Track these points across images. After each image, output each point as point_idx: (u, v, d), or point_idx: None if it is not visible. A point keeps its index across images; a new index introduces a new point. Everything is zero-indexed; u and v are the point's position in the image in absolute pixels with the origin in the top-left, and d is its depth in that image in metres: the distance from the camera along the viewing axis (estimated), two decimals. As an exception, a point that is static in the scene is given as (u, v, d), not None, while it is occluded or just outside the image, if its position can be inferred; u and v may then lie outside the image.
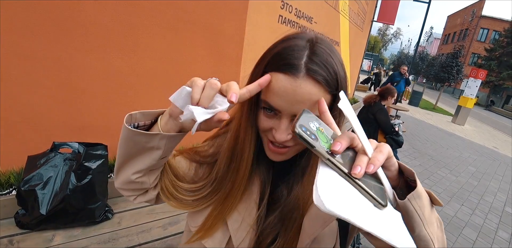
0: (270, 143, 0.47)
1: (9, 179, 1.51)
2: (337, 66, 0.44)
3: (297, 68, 0.42)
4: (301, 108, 0.40)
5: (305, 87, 0.41)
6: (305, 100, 0.41)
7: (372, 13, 7.00)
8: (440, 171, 4.46)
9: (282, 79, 0.42)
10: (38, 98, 1.58)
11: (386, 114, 2.89)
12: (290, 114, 0.43)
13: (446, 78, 11.76)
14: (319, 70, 0.42)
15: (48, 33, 1.50)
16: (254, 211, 0.52)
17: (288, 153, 0.48)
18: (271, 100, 0.43)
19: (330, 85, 0.43)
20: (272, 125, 0.45)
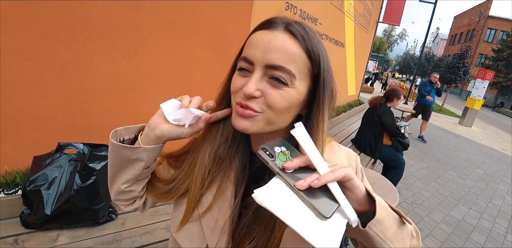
0: (238, 106, 0.45)
1: (15, 179, 1.53)
2: (316, 38, 0.46)
3: (275, 24, 0.44)
4: (274, 57, 0.42)
5: (281, 38, 0.43)
6: (279, 49, 0.42)
7: (378, 14, 6.95)
8: (447, 173, 4.40)
9: (259, 33, 0.45)
10: (44, 99, 1.60)
11: (392, 116, 2.86)
12: (262, 64, 0.42)
13: (453, 79, 11.61)
14: (298, 28, 0.44)
15: (53, 34, 1.52)
16: (227, 212, 0.52)
17: (254, 120, 0.45)
18: (247, 52, 0.44)
19: (307, 45, 0.44)
20: (244, 82, 0.44)
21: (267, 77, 0.43)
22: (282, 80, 0.42)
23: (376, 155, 2.96)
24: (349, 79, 5.89)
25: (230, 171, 0.54)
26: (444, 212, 3.09)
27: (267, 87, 0.43)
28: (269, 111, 0.44)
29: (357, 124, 4.56)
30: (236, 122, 0.46)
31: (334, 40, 4.28)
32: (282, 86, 0.43)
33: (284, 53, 0.42)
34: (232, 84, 0.47)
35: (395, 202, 1.65)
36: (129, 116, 1.91)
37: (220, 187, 0.54)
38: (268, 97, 0.43)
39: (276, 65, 0.42)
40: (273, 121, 0.46)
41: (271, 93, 0.43)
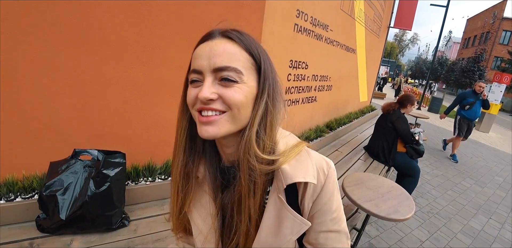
0: (200, 115, 0.47)
1: (32, 183, 1.57)
2: (251, 37, 0.50)
3: (212, 35, 0.49)
4: (218, 60, 0.45)
5: (220, 43, 0.47)
6: (221, 52, 0.45)
7: (389, 19, 6.89)
8: (465, 181, 4.25)
9: (201, 46, 0.49)
10: (60, 106, 1.64)
11: (406, 123, 2.80)
12: (210, 69, 0.45)
13: (467, 83, 11.35)
14: (233, 32, 0.49)
15: (68, 44, 1.57)
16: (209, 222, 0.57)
17: (219, 124, 0.47)
18: (194, 64, 0.48)
19: (246, 44, 0.48)
20: (197, 92, 0.46)
21: (217, 81, 0.46)
22: (231, 78, 0.45)
23: (390, 163, 2.90)
24: (360, 85, 5.83)
25: (204, 184, 0.58)
26: (462, 222, 2.97)
27: (220, 88, 0.46)
28: (231, 108, 0.46)
29: (369, 131, 4.49)
30: (202, 131, 0.47)
31: (345, 46, 4.26)
32: (232, 84, 0.46)
33: (227, 55, 0.46)
34: (188, 96, 0.49)
35: (411, 212, 1.60)
36: (141, 124, 1.94)
37: (199, 201, 0.59)
38: (224, 96, 0.45)
39: (222, 67, 0.45)
40: (237, 118, 0.47)
41: (226, 92, 0.45)
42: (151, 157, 1.96)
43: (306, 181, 0.49)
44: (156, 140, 2.03)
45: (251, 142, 0.47)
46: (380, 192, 1.81)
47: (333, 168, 0.54)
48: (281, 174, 0.49)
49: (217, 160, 0.58)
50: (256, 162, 0.47)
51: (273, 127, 0.51)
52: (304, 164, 0.51)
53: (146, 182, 1.84)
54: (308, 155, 0.53)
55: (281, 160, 0.49)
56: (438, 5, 11.46)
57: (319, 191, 0.51)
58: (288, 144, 0.52)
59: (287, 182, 0.48)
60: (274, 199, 0.51)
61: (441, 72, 14.96)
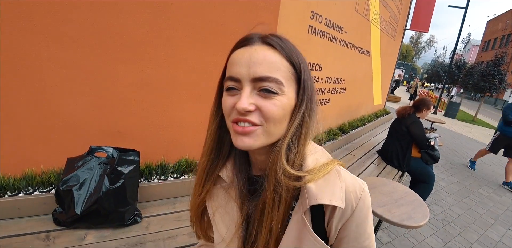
0: (235, 125, 0.45)
1: (49, 178, 1.62)
2: (291, 44, 0.48)
3: (252, 40, 0.46)
4: (259, 69, 0.42)
5: (260, 51, 0.44)
6: (261, 61, 0.43)
7: (405, 21, 6.76)
8: (482, 189, 4.09)
9: (239, 51, 0.46)
10: (79, 104, 1.70)
11: (421, 127, 2.73)
12: (249, 79, 0.43)
13: (487, 88, 10.94)
14: (274, 39, 0.46)
15: (87, 44, 1.62)
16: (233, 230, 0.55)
17: (255, 136, 0.45)
18: (231, 71, 0.46)
19: (287, 52, 0.45)
20: (235, 101, 0.45)
21: (256, 91, 0.44)
22: (272, 90, 0.43)
23: (403, 168, 2.83)
24: (375, 88, 5.73)
25: (232, 191, 0.57)
26: (479, 231, 2.86)
27: (259, 99, 0.44)
28: (268, 122, 0.45)
29: (383, 135, 4.40)
30: (238, 141, 0.46)
31: (360, 48, 4.20)
32: (273, 95, 0.44)
33: (267, 64, 0.43)
34: (224, 105, 0.47)
35: (425, 219, 1.56)
36: (155, 123, 1.98)
37: (224, 207, 0.57)
38: (263, 108, 0.44)
39: (263, 77, 0.43)
40: (272, 133, 0.46)
41: (265, 104, 0.43)
42: (164, 156, 1.99)
43: (331, 204, 0.45)
44: (169, 139, 2.06)
45: (280, 155, 0.46)
46: (394, 198, 1.77)
47: (367, 192, 0.49)
48: (305, 193, 0.46)
49: (247, 167, 0.57)
50: (283, 176, 0.45)
51: (306, 139, 0.49)
52: (332, 184, 0.47)
53: (159, 181, 1.86)
54: (338, 176, 0.48)
55: (308, 178, 0.46)
56: (456, 7, 11.14)
57: (349, 215, 0.47)
58: (319, 161, 0.49)
59: (311, 202, 0.45)
60: (297, 218, 0.48)
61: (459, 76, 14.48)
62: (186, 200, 1.88)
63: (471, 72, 12.41)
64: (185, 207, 1.78)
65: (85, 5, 1.56)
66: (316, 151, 0.51)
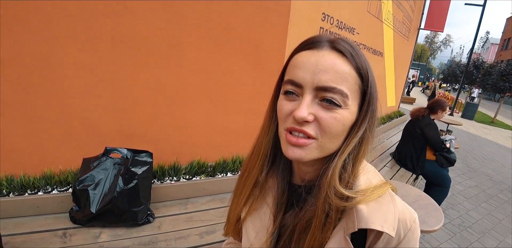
0: (289, 134, 0.42)
1: (67, 178, 1.68)
2: (361, 53, 0.44)
3: (320, 44, 0.42)
4: (324, 78, 0.39)
5: (329, 57, 0.40)
6: (329, 69, 0.39)
7: (419, 21, 6.61)
8: (502, 194, 3.94)
9: (304, 54, 0.42)
10: (95, 106, 1.75)
11: (436, 129, 2.66)
12: (312, 86, 0.40)
13: (506, 88, 10.53)
14: (344, 45, 0.42)
15: (104, 48, 1.68)
16: (263, 238, 0.53)
17: (308, 149, 0.42)
18: (293, 75, 0.42)
19: (357, 62, 0.41)
20: (293, 107, 0.42)
21: (318, 100, 0.41)
22: (335, 101, 0.40)
23: (418, 171, 2.77)
24: (388, 90, 5.63)
25: (268, 195, 0.54)
26: (498, 238, 2.76)
27: (319, 110, 0.41)
28: (324, 136, 0.42)
29: (397, 137, 4.31)
30: (289, 152, 0.43)
31: (372, 49, 4.14)
32: (335, 108, 0.40)
33: (335, 73, 0.40)
34: (280, 109, 0.44)
35: (440, 223, 1.52)
36: (169, 125, 2.02)
37: (254, 207, 0.55)
38: (322, 121, 0.40)
39: (328, 87, 0.39)
40: (326, 147, 0.43)
41: (324, 117, 0.40)
42: (176, 157, 2.03)
43: (383, 230, 0.41)
44: (182, 141, 2.10)
45: (334, 174, 0.43)
46: (406, 201, 1.70)
47: (417, 223, 0.45)
48: (354, 214, 0.43)
49: (288, 174, 0.54)
50: (334, 196, 0.42)
51: (363, 158, 0.46)
52: (385, 209, 0.43)
53: (171, 182, 1.90)
54: (392, 201, 0.44)
55: (360, 199, 0.43)
56: (473, 5, 10.82)
57: (394, 245, 0.43)
58: (371, 182, 0.46)
59: (361, 225, 0.41)
60: (339, 239, 0.44)
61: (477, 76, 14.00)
62: (198, 201, 1.91)
63: (489, 72, 11.98)
64: (196, 208, 1.81)
65: (102, 9, 1.62)
66: (368, 171, 0.48)
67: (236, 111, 2.22)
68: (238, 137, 2.26)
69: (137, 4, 1.69)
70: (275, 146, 0.51)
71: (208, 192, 1.98)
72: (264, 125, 0.52)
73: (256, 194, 0.55)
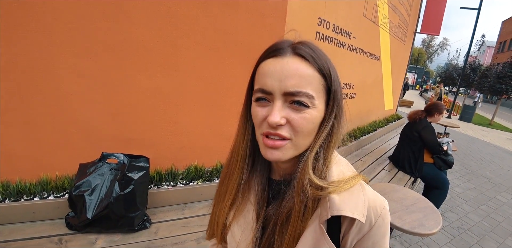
0: (265, 138, 0.45)
1: (63, 183, 1.68)
2: (322, 53, 0.47)
3: (282, 51, 0.45)
4: (290, 84, 0.42)
5: (292, 63, 0.43)
6: (293, 74, 0.43)
7: (415, 24, 6.68)
8: (500, 196, 3.93)
9: (270, 62, 0.45)
10: (92, 112, 1.76)
11: (433, 132, 2.67)
12: (281, 92, 0.43)
13: (503, 90, 10.59)
14: (305, 49, 0.45)
15: (101, 55, 1.69)
16: (250, 236, 0.55)
17: (284, 149, 0.45)
18: (262, 83, 0.45)
19: (319, 64, 0.45)
20: (266, 113, 0.45)
21: (287, 103, 0.44)
22: (304, 103, 0.43)
23: (416, 174, 2.76)
24: (385, 93, 5.66)
25: (250, 194, 0.56)
26: (497, 240, 2.74)
27: (290, 113, 0.44)
28: (297, 136, 0.45)
29: (394, 140, 4.32)
30: (267, 154, 0.46)
31: (369, 53, 4.18)
32: (304, 109, 0.44)
33: (299, 78, 0.43)
34: (254, 116, 0.47)
35: (438, 226, 1.51)
36: (166, 131, 2.02)
37: (239, 210, 0.57)
38: (294, 122, 0.44)
39: (294, 91, 0.42)
40: (300, 145, 0.46)
41: (295, 118, 0.44)
42: (173, 162, 2.03)
43: (353, 217, 0.44)
44: (179, 146, 2.10)
45: (307, 166, 0.46)
46: (404, 204, 1.73)
47: (387, 210, 0.49)
48: (327, 203, 0.46)
49: (267, 171, 0.57)
50: (309, 187, 0.45)
51: (334, 148, 0.49)
52: (355, 198, 0.46)
53: (168, 187, 1.89)
54: (362, 190, 0.48)
55: (332, 189, 0.46)
56: (469, 8, 10.95)
57: (366, 231, 0.47)
58: (345, 174, 0.49)
59: (333, 213, 0.44)
60: (314, 227, 0.47)
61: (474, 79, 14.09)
62: (195, 206, 1.90)
63: (486, 75, 12.06)
64: (193, 213, 1.80)
65: (99, 17, 1.63)
66: (340, 163, 0.52)
67: (233, 115, 2.23)
68: (235, 141, 2.26)
69: (133, 10, 1.71)
70: (253, 149, 0.54)
71: (205, 197, 1.97)
72: (239, 130, 0.55)
73: (239, 198, 0.56)
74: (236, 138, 0.55)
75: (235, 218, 0.57)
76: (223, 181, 0.59)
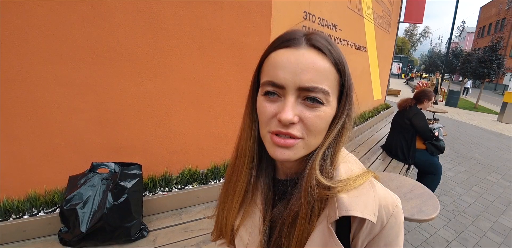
0: (275, 136, 0.42)
1: (53, 198, 1.61)
2: (338, 48, 0.44)
3: (297, 41, 0.41)
4: (306, 78, 0.39)
5: (308, 56, 0.40)
6: (309, 68, 0.39)
7: (398, 14, 6.73)
8: (491, 176, 4.05)
9: (283, 52, 0.41)
10: (77, 121, 1.69)
11: (424, 119, 2.70)
12: (295, 87, 0.39)
13: (486, 74, 10.87)
14: (322, 41, 0.41)
15: (83, 61, 1.62)
16: (258, 238, 0.52)
17: (295, 149, 0.42)
18: (274, 76, 0.41)
19: (335, 58, 0.42)
20: (276, 109, 0.41)
21: (301, 99, 0.41)
22: (319, 99, 0.40)
23: (409, 161, 2.80)
24: (373, 84, 5.70)
25: (256, 196, 0.54)
26: (491, 219, 2.82)
27: (303, 110, 0.41)
28: (309, 135, 0.42)
29: (386, 129, 4.37)
30: (276, 153, 0.42)
31: (356, 44, 4.18)
32: (318, 106, 0.41)
33: (316, 72, 0.39)
34: (262, 112, 0.43)
35: (436, 211, 1.53)
36: (156, 135, 1.97)
37: (247, 212, 0.54)
38: (307, 121, 0.41)
39: (310, 87, 0.39)
40: (312, 144, 0.43)
41: (309, 116, 0.40)
42: (167, 168, 1.98)
43: (363, 217, 0.41)
44: (171, 150, 2.05)
45: (314, 166, 0.43)
46: (402, 192, 1.74)
47: (400, 208, 0.45)
48: (335, 203, 0.43)
49: (272, 170, 0.55)
50: (316, 187, 0.43)
51: (342, 146, 0.47)
52: (365, 196, 0.43)
53: (163, 193, 1.85)
54: (372, 188, 0.45)
55: (340, 188, 0.43)
56: (448, -5, 11.13)
57: (378, 231, 0.43)
58: (353, 172, 0.46)
59: (341, 213, 0.42)
60: (322, 229, 0.44)
61: (457, 64, 14.39)
62: (192, 210, 1.86)
63: (468, 60, 12.34)
64: (191, 218, 1.77)
65: (77, 22, 1.55)
66: (348, 160, 0.49)
67: (224, 115, 2.19)
68: (228, 142, 2.23)
69: (113, 13, 1.63)
70: (260, 148, 0.50)
71: (202, 200, 1.93)
72: (245, 127, 0.50)
73: (248, 199, 0.54)
74: (242, 136, 0.51)
75: (243, 220, 0.55)
76: (230, 180, 0.55)
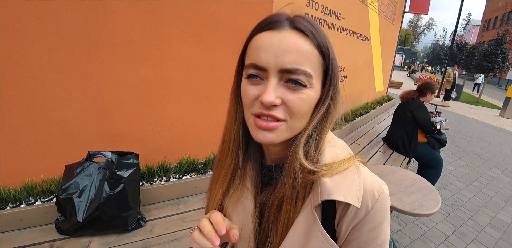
0: (257, 119, 0.42)
1: (50, 187, 1.59)
2: (320, 29, 0.43)
3: (280, 23, 0.41)
4: (287, 60, 0.38)
5: (290, 38, 0.39)
6: (291, 50, 0.39)
7: (403, 4, 6.57)
8: (491, 171, 4.04)
9: (264, 35, 0.41)
10: (73, 110, 1.65)
11: (426, 112, 2.66)
12: (277, 69, 0.39)
13: (490, 68, 10.73)
14: (305, 23, 0.41)
15: (79, 48, 1.56)
16: (250, 225, 0.52)
17: (278, 132, 0.42)
18: (256, 58, 0.40)
19: (318, 40, 0.41)
20: (258, 91, 0.41)
21: (283, 82, 0.40)
22: (301, 82, 0.40)
23: (410, 154, 2.78)
24: (376, 75, 5.62)
25: (246, 180, 0.54)
26: (490, 214, 2.82)
27: (285, 92, 0.40)
28: (292, 118, 0.42)
29: (387, 121, 4.33)
30: (259, 136, 0.42)
31: (359, 34, 4.09)
32: (301, 88, 0.40)
33: (298, 54, 0.39)
34: (245, 94, 0.43)
35: (437, 206, 1.51)
36: (154, 124, 1.93)
37: (237, 197, 0.54)
38: (289, 103, 0.40)
39: (292, 69, 0.39)
40: (295, 127, 0.43)
41: (291, 98, 0.40)
42: (165, 157, 1.95)
43: (346, 201, 0.41)
44: (169, 139, 2.02)
45: (298, 150, 0.43)
46: (403, 186, 1.72)
47: (386, 194, 0.45)
48: (318, 187, 0.43)
49: (260, 155, 0.55)
50: (300, 171, 0.43)
51: (328, 130, 0.46)
52: (349, 181, 0.43)
53: (161, 182, 1.83)
54: (357, 172, 0.44)
55: (324, 172, 0.42)
56: (455, -14, 10.84)
57: (362, 216, 0.43)
58: (338, 156, 0.45)
59: (323, 197, 0.41)
60: (306, 213, 0.44)
61: (460, 57, 14.18)
62: (190, 200, 1.85)
63: (473, 53, 12.16)
64: (189, 208, 1.75)
65: (72, 7, 1.49)
66: (335, 144, 0.48)
67: (223, 103, 2.14)
68: (227, 132, 2.19)
69: (109, -3, 1.56)
70: (246, 132, 0.50)
71: (200, 190, 1.92)
72: (230, 111, 0.50)
73: (236, 184, 0.54)
74: (227, 120, 0.51)
75: (234, 206, 0.54)
76: (217, 166, 0.56)
